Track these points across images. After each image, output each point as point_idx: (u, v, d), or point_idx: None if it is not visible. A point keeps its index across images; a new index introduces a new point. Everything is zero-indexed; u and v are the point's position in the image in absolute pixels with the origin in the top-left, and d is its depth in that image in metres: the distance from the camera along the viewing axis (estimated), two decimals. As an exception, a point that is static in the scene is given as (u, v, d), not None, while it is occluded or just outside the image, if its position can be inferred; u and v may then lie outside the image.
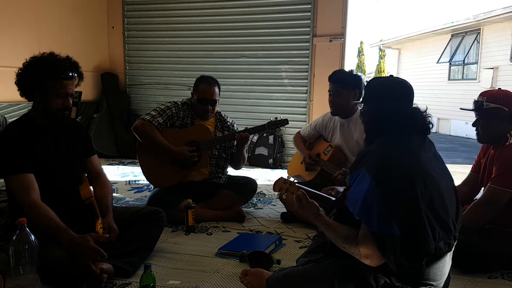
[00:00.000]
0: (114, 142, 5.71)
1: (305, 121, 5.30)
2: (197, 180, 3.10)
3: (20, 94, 2.08)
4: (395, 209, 1.46)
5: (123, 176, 4.59)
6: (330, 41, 5.17)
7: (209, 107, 3.05)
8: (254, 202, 3.56)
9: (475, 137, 2.42)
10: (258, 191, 3.51)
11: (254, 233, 2.84)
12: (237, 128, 3.24)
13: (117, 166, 5.16)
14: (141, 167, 3.11)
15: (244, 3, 5.52)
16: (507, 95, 2.28)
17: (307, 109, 5.39)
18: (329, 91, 3.03)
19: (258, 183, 3.37)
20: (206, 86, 3.05)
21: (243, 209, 3.18)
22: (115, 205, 2.46)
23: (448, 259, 1.61)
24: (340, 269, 1.62)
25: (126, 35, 6.06)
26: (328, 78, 3.04)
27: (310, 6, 5.20)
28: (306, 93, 5.39)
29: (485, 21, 10.02)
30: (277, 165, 5.34)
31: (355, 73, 3.07)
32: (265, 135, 5.37)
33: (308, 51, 5.28)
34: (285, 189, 1.98)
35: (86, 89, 5.52)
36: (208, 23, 5.68)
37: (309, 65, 5.29)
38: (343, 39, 5.14)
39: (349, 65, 18.75)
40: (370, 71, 19.64)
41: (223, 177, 3.22)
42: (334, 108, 3.05)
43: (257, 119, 5.26)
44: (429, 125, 1.65)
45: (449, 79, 11.64)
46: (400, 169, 1.50)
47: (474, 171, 2.55)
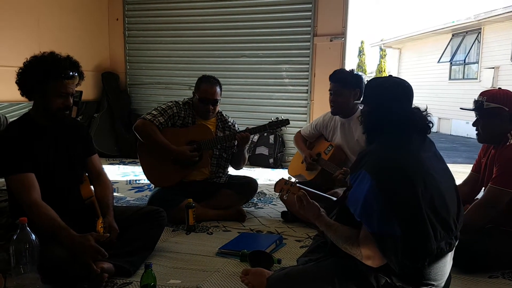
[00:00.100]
0: (114, 141, 5.71)
1: (306, 121, 5.29)
2: (198, 179, 3.10)
3: (20, 93, 2.07)
4: (396, 209, 1.46)
5: (124, 175, 4.59)
6: (330, 40, 5.16)
7: (211, 106, 3.05)
8: (254, 201, 3.56)
9: (475, 137, 2.42)
10: (258, 190, 3.52)
11: (254, 232, 2.84)
12: (238, 128, 3.24)
13: (117, 165, 5.16)
14: (142, 167, 3.11)
15: (245, 3, 5.51)
16: (507, 94, 2.27)
17: (308, 109, 5.38)
18: (329, 91, 3.03)
19: (258, 182, 3.37)
20: (207, 85, 3.05)
21: (244, 208, 3.18)
22: (115, 204, 2.47)
23: (449, 259, 1.61)
24: (340, 269, 1.62)
25: (126, 35, 6.06)
26: (328, 77, 3.04)
27: (310, 5, 5.20)
28: (306, 93, 5.38)
29: (486, 21, 10.02)
30: (278, 164, 5.34)
31: (356, 72, 3.06)
32: (265, 134, 5.36)
33: (308, 51, 5.28)
34: (286, 189, 1.97)
35: (86, 89, 5.52)
36: (208, 23, 5.68)
37: (309, 65, 5.29)
38: (343, 39, 5.13)
39: (350, 64, 18.67)
40: (370, 71, 19.59)
41: (223, 176, 3.22)
42: (334, 107, 3.04)
43: (258, 119, 5.27)
44: (429, 124, 1.65)
45: (450, 78, 11.63)
46: (400, 169, 1.50)
47: (474, 170, 2.55)
